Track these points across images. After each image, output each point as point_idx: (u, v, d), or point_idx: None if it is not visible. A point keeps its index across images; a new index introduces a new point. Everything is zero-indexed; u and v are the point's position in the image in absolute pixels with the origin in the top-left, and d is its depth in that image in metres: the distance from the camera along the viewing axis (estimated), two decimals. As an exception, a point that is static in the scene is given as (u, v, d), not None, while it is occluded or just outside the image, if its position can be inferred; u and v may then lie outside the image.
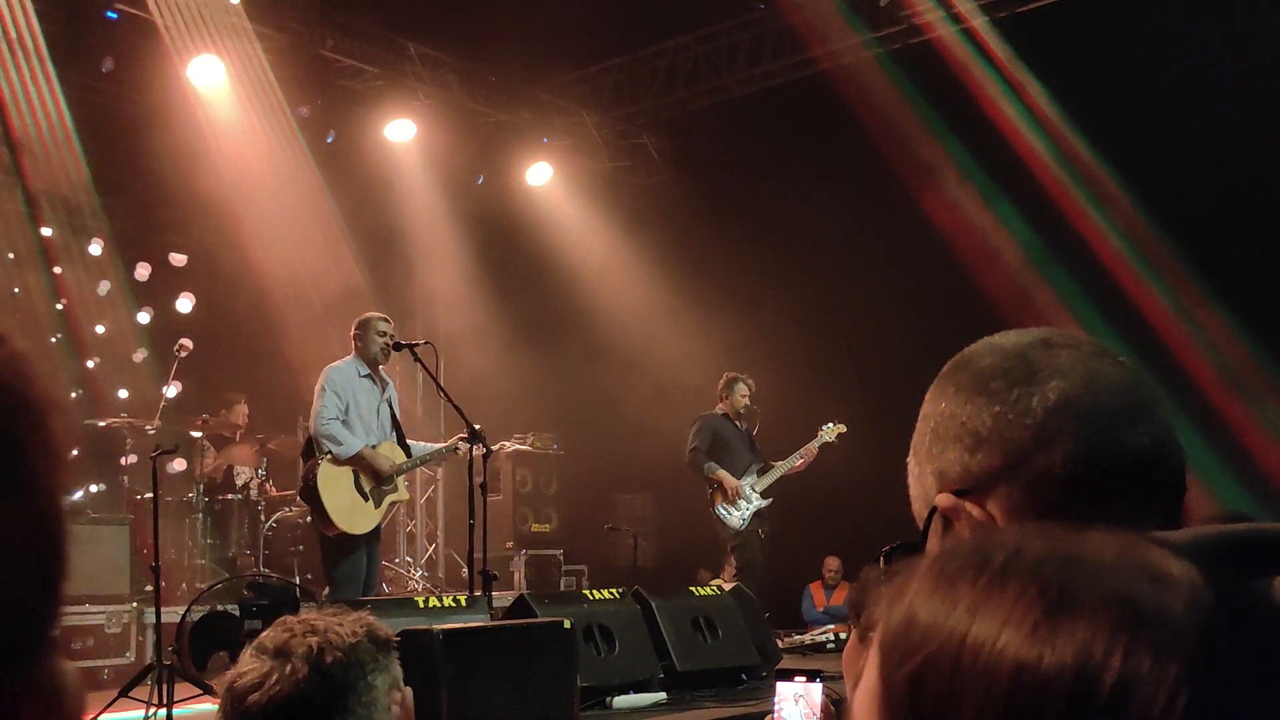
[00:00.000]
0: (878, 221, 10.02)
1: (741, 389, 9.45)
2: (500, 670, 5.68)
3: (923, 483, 1.11)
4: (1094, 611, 0.61)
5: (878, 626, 0.70)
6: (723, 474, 9.17)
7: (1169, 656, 0.59)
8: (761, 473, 9.31)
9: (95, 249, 10.77)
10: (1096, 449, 1.02)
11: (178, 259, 11.25)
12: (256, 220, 10.43)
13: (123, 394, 10.74)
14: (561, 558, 11.62)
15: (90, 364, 10.71)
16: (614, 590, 7.51)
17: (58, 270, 10.61)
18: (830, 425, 9.27)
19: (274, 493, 9.52)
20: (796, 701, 2.51)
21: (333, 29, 10.48)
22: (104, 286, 10.78)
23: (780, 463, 9.29)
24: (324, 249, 10.61)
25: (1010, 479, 1.03)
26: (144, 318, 11.13)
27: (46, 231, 10.27)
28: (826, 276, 10.64)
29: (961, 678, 0.63)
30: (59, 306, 10.58)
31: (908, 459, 1.14)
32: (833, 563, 11.00)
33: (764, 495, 9.29)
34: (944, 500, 1.06)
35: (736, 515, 9.15)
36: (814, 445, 9.23)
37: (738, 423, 9.47)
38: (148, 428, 9.24)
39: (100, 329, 10.81)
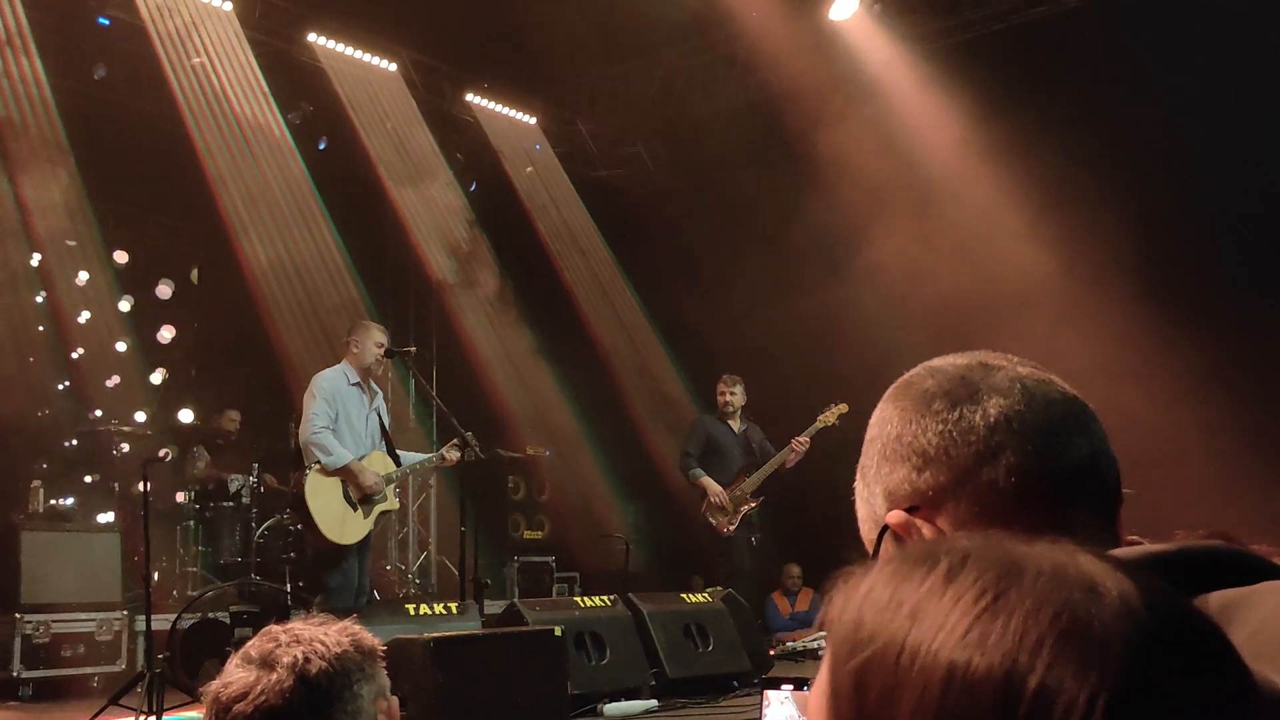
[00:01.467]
0: (870, 231, 10.01)
1: (731, 391, 9.44)
2: (491, 678, 5.68)
3: (871, 504, 1.15)
4: (1026, 618, 0.64)
5: (832, 621, 0.73)
6: (706, 481, 9.20)
7: (1094, 664, 0.62)
8: (750, 473, 9.30)
9: (89, 259, 10.76)
10: (1038, 462, 1.07)
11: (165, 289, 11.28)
12: (248, 225, 10.42)
13: (111, 382, 10.71)
14: (554, 564, 11.61)
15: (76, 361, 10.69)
16: (605, 597, 7.51)
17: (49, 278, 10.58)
18: (832, 406, 9.12)
19: (274, 484, 9.49)
20: (784, 708, 2.51)
21: (326, 35, 10.49)
22: (83, 276, 10.75)
23: (768, 462, 9.27)
24: (316, 254, 10.60)
25: (957, 494, 1.08)
26: (125, 305, 11.13)
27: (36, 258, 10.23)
28: (825, 285, 10.62)
29: (901, 677, 0.65)
30: (38, 299, 10.53)
31: (855, 483, 1.18)
32: (793, 569, 11.02)
33: (754, 495, 9.28)
34: (895, 517, 1.10)
35: (724, 519, 9.17)
36: (804, 436, 9.12)
37: (733, 425, 9.46)
38: (138, 432, 9.22)
39: (83, 318, 10.77)
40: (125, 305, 11.13)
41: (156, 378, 11.09)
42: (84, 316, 10.78)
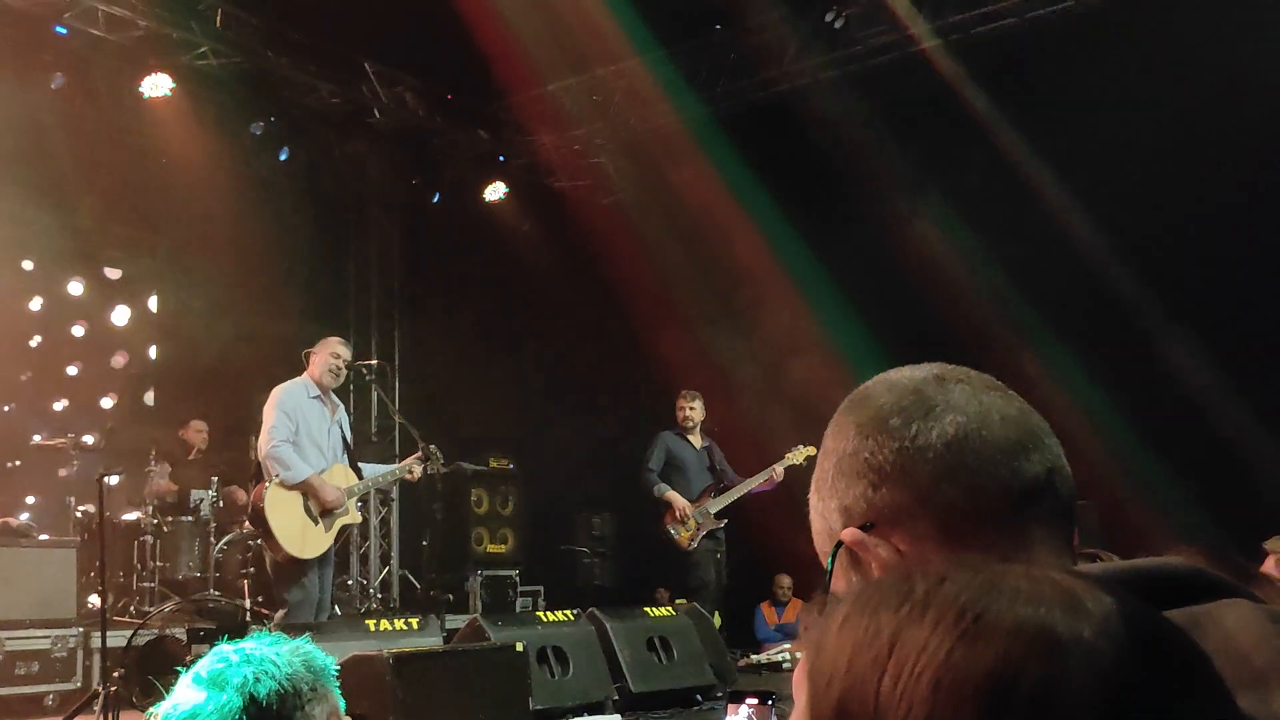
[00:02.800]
0: (839, 243, 10.05)
1: (689, 406, 9.48)
2: (452, 694, 5.64)
3: (826, 518, 1.14)
4: (1008, 636, 0.64)
5: (807, 652, 0.73)
6: (672, 495, 9.23)
7: (1078, 679, 0.62)
8: (719, 493, 9.33)
9: (31, 263, 10.62)
10: (995, 480, 1.07)
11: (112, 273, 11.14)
12: (209, 237, 10.35)
13: (59, 406, 10.59)
14: (518, 578, 11.54)
15: (24, 378, 10.56)
16: (568, 612, 7.48)
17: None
18: (799, 448, 9.27)
19: (239, 497, 9.39)
20: None
21: (287, 46, 10.43)
22: (37, 302, 10.64)
23: (739, 485, 9.31)
24: (278, 266, 10.52)
25: (914, 512, 1.07)
26: (78, 331, 11.01)
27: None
28: (785, 295, 10.65)
29: (883, 703, 0.65)
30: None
31: (809, 495, 1.17)
32: (784, 580, 11.06)
33: (719, 516, 9.30)
34: (850, 535, 1.09)
35: (685, 534, 9.18)
36: (779, 468, 9.21)
37: (694, 441, 9.48)
38: (91, 441, 9.11)
39: (34, 342, 10.65)
40: (79, 331, 11.01)
41: (108, 403, 10.97)
42: (35, 341, 10.66)
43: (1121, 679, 0.63)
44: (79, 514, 8.75)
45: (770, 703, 2.53)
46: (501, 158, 12.32)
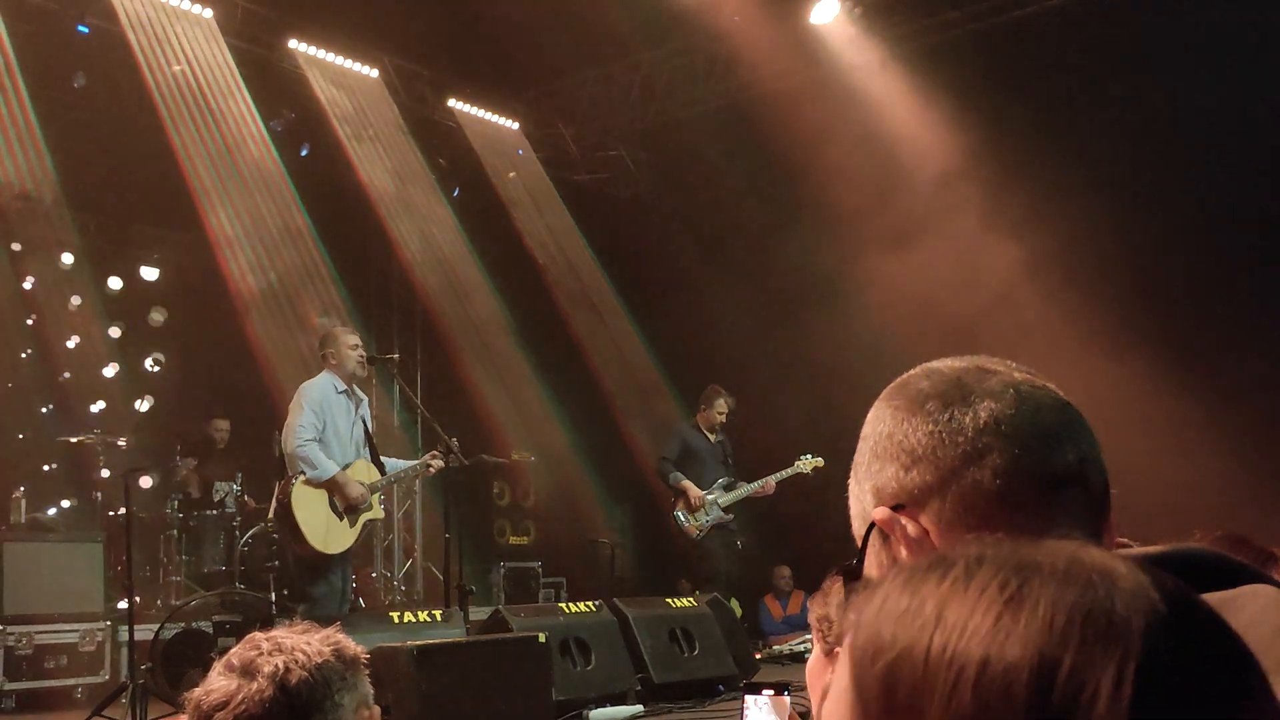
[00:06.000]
0: (856, 238, 10.02)
1: (720, 404, 9.60)
2: (474, 685, 5.67)
3: (861, 501, 1.16)
4: (1051, 606, 0.66)
5: (848, 633, 0.74)
6: (687, 484, 9.37)
7: (1119, 643, 0.65)
8: (728, 489, 9.42)
9: (66, 260, 10.72)
10: (1023, 465, 1.08)
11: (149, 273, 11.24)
12: (231, 234, 10.39)
13: (96, 408, 10.69)
14: (540, 570, 11.59)
15: (64, 376, 10.66)
16: (590, 603, 7.51)
17: (28, 284, 10.54)
18: (807, 457, 9.41)
19: (253, 506, 9.48)
20: (763, 714, 2.51)
21: (307, 41, 10.47)
22: (75, 301, 10.73)
23: (747, 484, 9.46)
24: (299, 262, 10.57)
25: (942, 494, 1.09)
26: (114, 332, 11.09)
27: (16, 246, 10.19)
28: (801, 294, 10.62)
29: (932, 669, 0.67)
30: (29, 322, 10.51)
31: (849, 480, 1.19)
32: (784, 571, 11.08)
33: (725, 510, 9.40)
34: (880, 514, 1.11)
35: (694, 523, 9.25)
36: (783, 474, 9.39)
37: (710, 435, 9.56)
38: (120, 443, 9.19)
39: (72, 343, 10.75)
40: (115, 332, 11.11)
41: (143, 405, 11.05)
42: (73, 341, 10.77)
43: (1161, 641, 0.65)
44: (110, 513, 8.83)
45: (786, 693, 2.54)
46: (520, 151, 12.33)
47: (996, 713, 0.64)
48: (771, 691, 2.50)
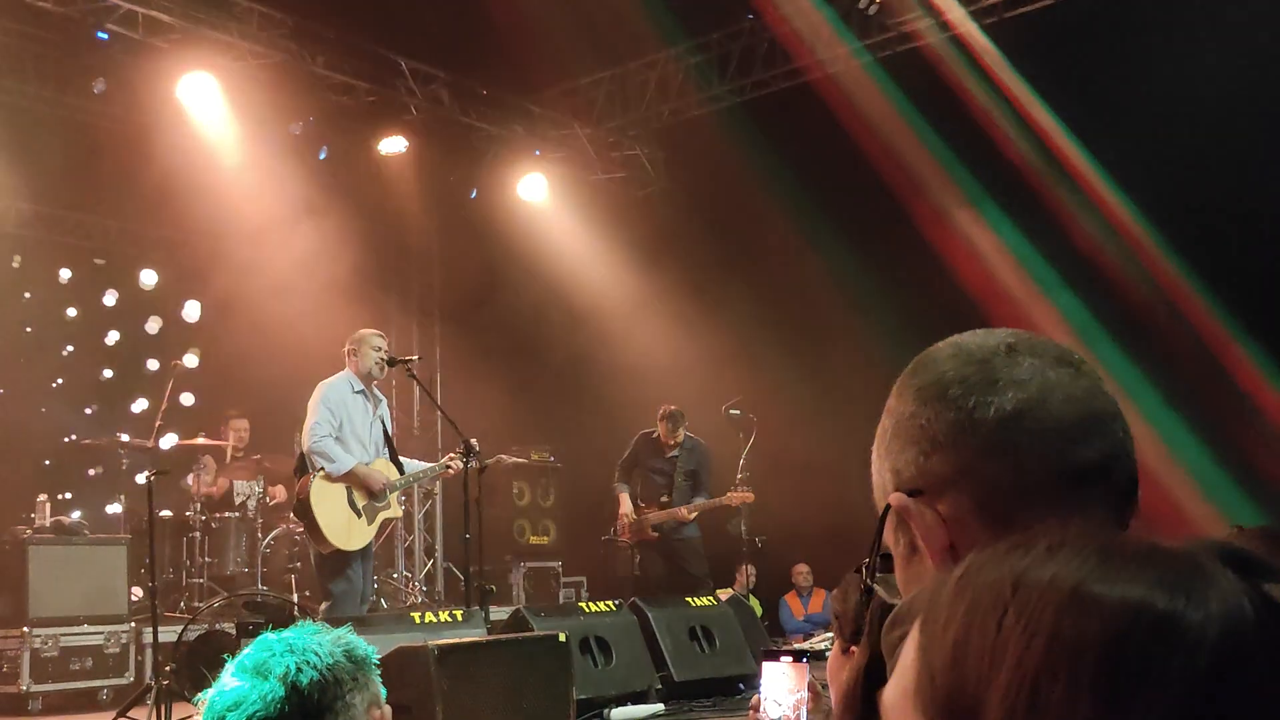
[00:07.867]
0: (870, 235, 9.99)
1: (673, 428, 9.63)
2: (495, 684, 5.69)
3: (881, 476, 1.15)
4: (1137, 568, 0.69)
5: (919, 610, 0.76)
6: (622, 498, 9.70)
7: (1204, 601, 0.67)
8: (662, 507, 9.59)
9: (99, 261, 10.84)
10: (1044, 461, 1.06)
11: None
12: (250, 238, 10.45)
13: (138, 406, 10.79)
14: (560, 569, 11.61)
15: (107, 374, 10.76)
16: (611, 602, 7.52)
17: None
18: (742, 490, 9.46)
19: (278, 498, 9.52)
20: (783, 680, 2.49)
21: (323, 45, 10.51)
22: (110, 296, 10.83)
23: (665, 510, 9.56)
24: (317, 265, 10.61)
25: (959, 484, 1.07)
26: (153, 326, 11.20)
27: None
28: (818, 291, 10.59)
29: (1005, 633, 0.68)
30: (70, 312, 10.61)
31: (873, 449, 1.17)
32: (802, 568, 11.02)
33: (655, 529, 9.56)
34: (896, 499, 1.10)
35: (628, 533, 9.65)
36: (693, 509, 9.47)
37: (668, 450, 9.58)
38: (145, 445, 9.26)
39: (113, 338, 10.85)
40: (154, 326, 11.22)
41: (188, 399, 11.15)
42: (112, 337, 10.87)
43: (1241, 607, 0.67)
44: (134, 515, 8.90)
45: (805, 660, 2.52)
46: (538, 151, 12.34)
47: (1061, 683, 0.66)
48: (790, 659, 2.48)
